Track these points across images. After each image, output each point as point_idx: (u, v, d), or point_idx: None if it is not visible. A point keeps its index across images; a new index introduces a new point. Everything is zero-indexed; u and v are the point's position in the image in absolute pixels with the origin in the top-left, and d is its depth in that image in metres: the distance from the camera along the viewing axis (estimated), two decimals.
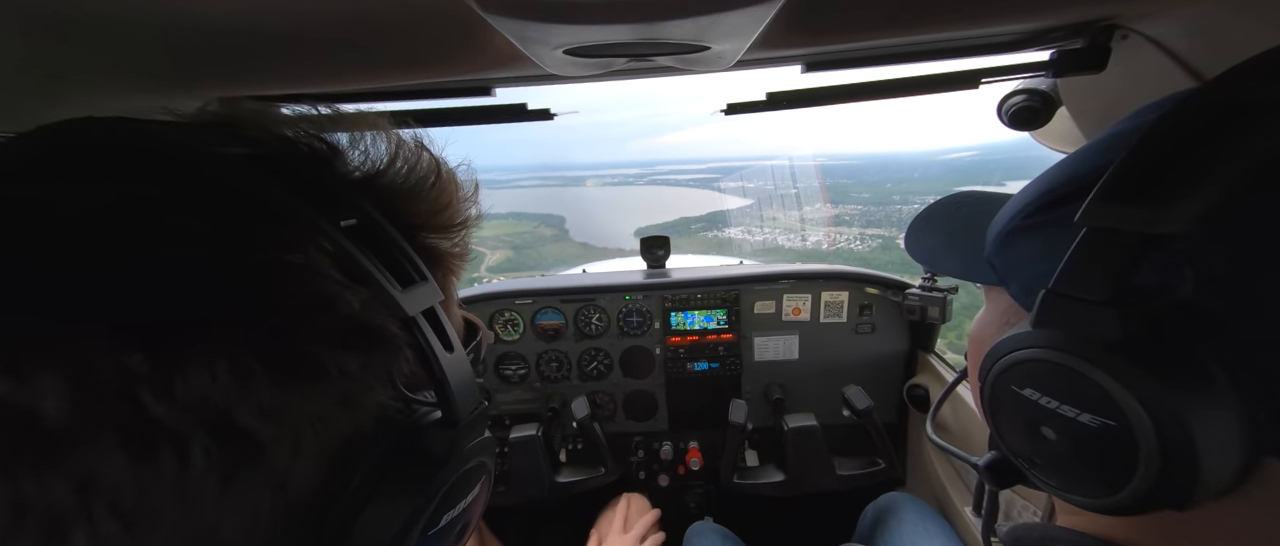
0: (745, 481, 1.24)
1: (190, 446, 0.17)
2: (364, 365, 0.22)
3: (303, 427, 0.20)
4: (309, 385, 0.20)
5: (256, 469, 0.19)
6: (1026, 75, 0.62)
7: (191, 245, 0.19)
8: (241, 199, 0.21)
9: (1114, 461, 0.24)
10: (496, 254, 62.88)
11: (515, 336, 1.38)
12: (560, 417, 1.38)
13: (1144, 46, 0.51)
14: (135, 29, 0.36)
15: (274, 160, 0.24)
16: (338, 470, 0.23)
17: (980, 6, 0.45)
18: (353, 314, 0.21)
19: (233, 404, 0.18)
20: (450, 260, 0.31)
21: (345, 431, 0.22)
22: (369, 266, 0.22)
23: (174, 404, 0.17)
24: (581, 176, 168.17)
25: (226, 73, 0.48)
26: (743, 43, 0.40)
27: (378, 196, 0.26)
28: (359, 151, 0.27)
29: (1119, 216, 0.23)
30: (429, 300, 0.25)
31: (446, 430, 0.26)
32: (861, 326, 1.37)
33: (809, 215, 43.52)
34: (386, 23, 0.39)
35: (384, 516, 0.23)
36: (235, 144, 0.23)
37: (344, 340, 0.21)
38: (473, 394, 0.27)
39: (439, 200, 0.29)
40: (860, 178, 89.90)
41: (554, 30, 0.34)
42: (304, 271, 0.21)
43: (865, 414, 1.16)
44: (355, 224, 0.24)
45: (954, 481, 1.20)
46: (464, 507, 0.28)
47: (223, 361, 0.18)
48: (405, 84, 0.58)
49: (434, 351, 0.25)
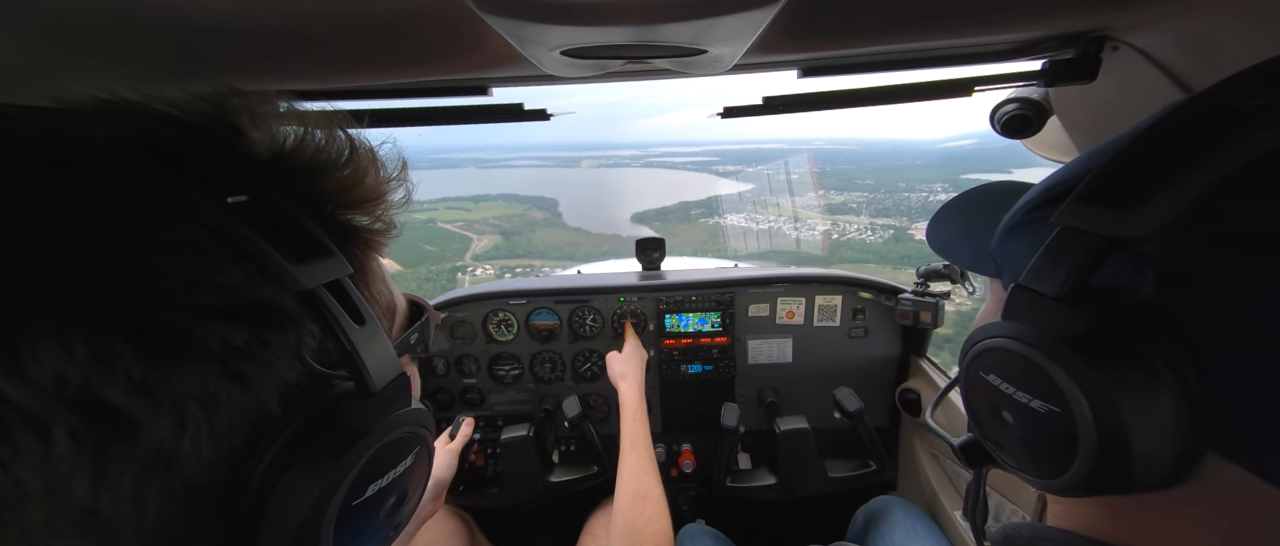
0: (738, 484, 1.24)
1: (51, 426, 0.17)
2: (255, 340, 0.22)
3: (186, 404, 0.20)
4: (186, 361, 0.20)
5: (133, 447, 0.19)
6: (1019, 84, 0.62)
7: (38, 222, 0.18)
8: (102, 177, 0.20)
9: (1059, 445, 0.25)
10: (484, 240, 59.74)
11: (509, 337, 1.38)
12: (553, 418, 1.37)
13: (1134, 58, 0.52)
14: (127, 25, 0.36)
15: (156, 142, 0.23)
16: (247, 450, 0.22)
17: (974, 16, 0.45)
18: (233, 287, 0.21)
19: (96, 382, 0.18)
20: (369, 236, 0.31)
21: (247, 409, 0.22)
22: (255, 239, 0.22)
23: (26, 383, 0.17)
24: (575, 157, 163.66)
25: (221, 69, 0.47)
26: (740, 47, 0.40)
27: (284, 175, 0.26)
28: (265, 133, 0.27)
29: (1088, 217, 0.24)
30: (333, 273, 0.25)
31: (361, 401, 0.26)
32: (855, 330, 1.37)
33: (814, 202, 43.06)
34: (383, 21, 0.39)
35: (298, 489, 0.23)
36: (112, 128, 0.23)
37: (224, 314, 0.21)
38: (391, 364, 0.27)
39: (352, 177, 0.29)
40: (863, 164, 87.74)
41: (551, 31, 0.34)
42: (172, 246, 0.20)
43: (856, 416, 1.17)
44: (246, 201, 0.23)
45: (944, 485, 1.21)
46: (394, 477, 0.28)
47: (78, 338, 0.17)
48: (402, 82, 0.58)
49: (339, 323, 0.24)
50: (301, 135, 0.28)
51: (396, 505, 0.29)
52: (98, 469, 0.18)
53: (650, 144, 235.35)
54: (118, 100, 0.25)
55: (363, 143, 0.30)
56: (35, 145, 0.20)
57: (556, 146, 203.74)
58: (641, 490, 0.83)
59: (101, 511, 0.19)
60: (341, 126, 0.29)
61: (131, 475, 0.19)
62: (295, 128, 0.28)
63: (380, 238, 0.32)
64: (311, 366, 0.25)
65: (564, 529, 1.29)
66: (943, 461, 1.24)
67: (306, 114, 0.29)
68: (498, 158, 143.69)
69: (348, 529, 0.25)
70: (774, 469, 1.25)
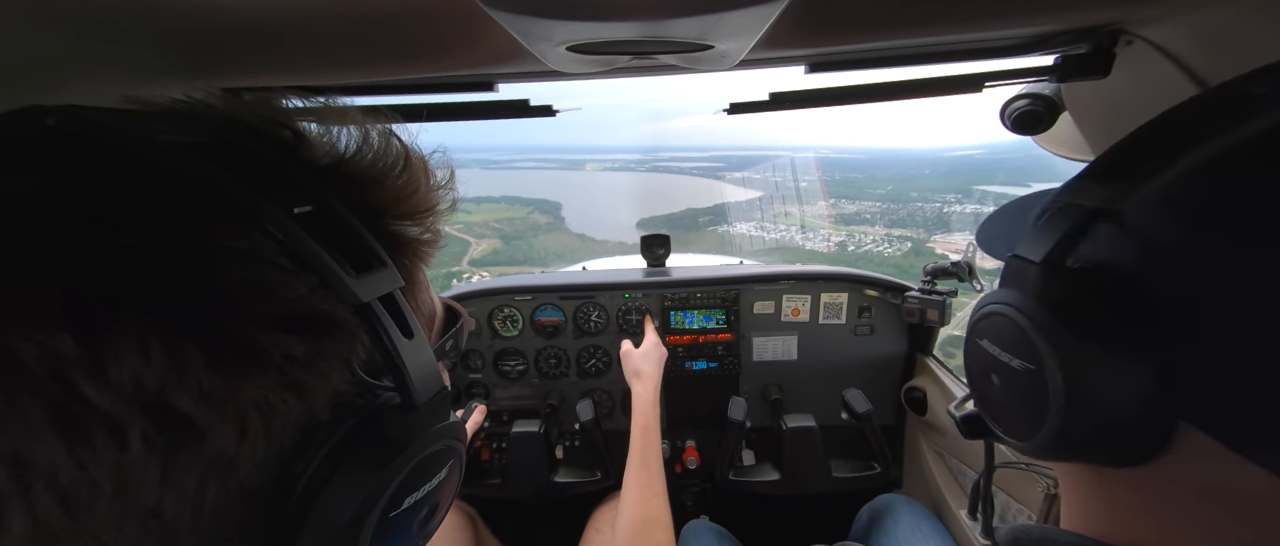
0: (741, 478, 1.24)
1: (127, 429, 0.18)
2: (313, 350, 0.22)
3: (247, 412, 0.20)
4: (250, 370, 0.20)
5: (198, 452, 0.19)
6: (1030, 79, 0.62)
7: (123, 230, 0.19)
8: (181, 185, 0.21)
9: (1033, 404, 0.27)
10: (483, 244, 57.15)
11: (514, 332, 1.38)
12: (558, 414, 1.38)
13: (1149, 52, 0.51)
14: (138, 19, 0.36)
15: (227, 148, 0.24)
16: (296, 455, 0.23)
17: (984, 10, 0.45)
18: (297, 299, 0.22)
19: (170, 388, 0.18)
20: (418, 246, 0.31)
21: (299, 416, 0.22)
22: (320, 252, 0.23)
23: (107, 386, 0.17)
24: (581, 160, 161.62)
25: (230, 64, 0.48)
26: (747, 42, 0.40)
27: (342, 183, 0.26)
28: (325, 139, 0.27)
29: (1082, 192, 0.26)
30: (387, 286, 0.25)
31: (405, 414, 0.26)
32: (860, 328, 1.37)
33: (825, 211, 42.53)
34: (390, 16, 0.39)
35: (342, 498, 0.23)
36: (187, 132, 0.23)
37: (287, 325, 0.21)
38: (434, 378, 0.27)
39: (406, 187, 0.29)
40: (871, 173, 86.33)
41: (557, 26, 0.34)
42: (244, 257, 0.21)
43: (864, 418, 1.17)
44: (310, 210, 0.24)
45: (950, 484, 1.20)
46: (429, 490, 0.28)
47: (156, 345, 0.18)
48: (408, 78, 0.58)
49: (390, 336, 0.25)
50: (359, 142, 0.28)
51: (428, 516, 0.29)
52: (165, 472, 0.19)
53: (656, 148, 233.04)
54: (190, 102, 0.26)
55: (416, 151, 0.30)
56: (117, 150, 0.21)
57: (561, 148, 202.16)
58: (650, 516, 0.80)
59: (165, 512, 0.19)
60: (396, 133, 0.30)
61: (195, 478, 0.20)
62: (353, 133, 0.28)
63: (428, 248, 0.32)
64: (360, 376, 0.25)
65: (569, 522, 1.30)
66: (948, 460, 1.23)
67: (361, 116, 0.29)
68: (502, 159, 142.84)
69: (383, 538, 0.25)
70: (778, 465, 1.25)
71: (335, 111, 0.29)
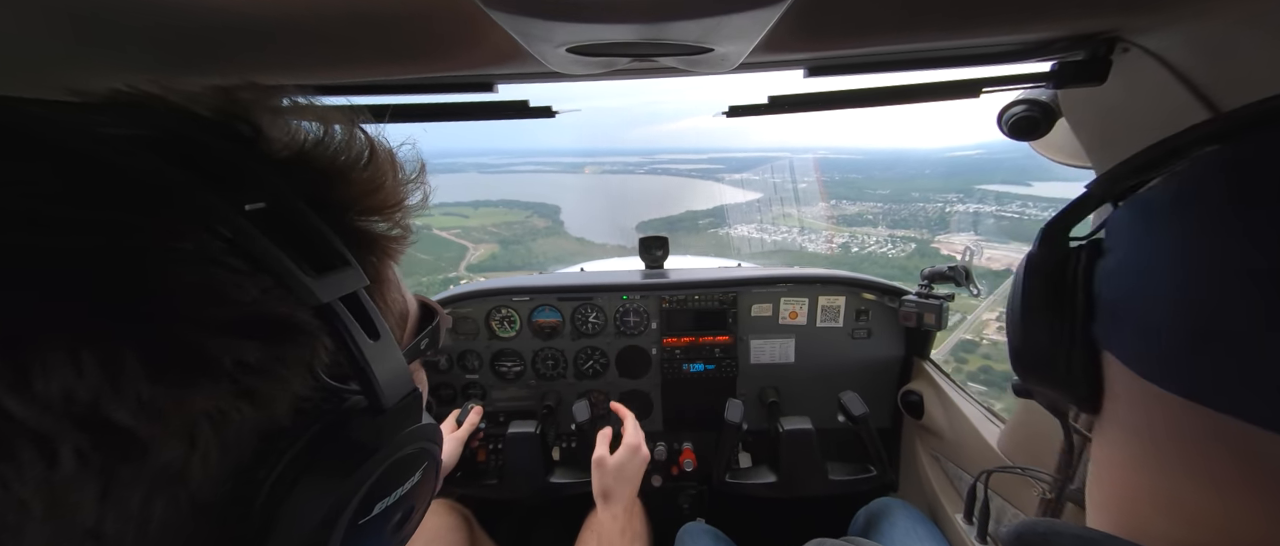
0: (737, 481, 1.24)
1: (57, 445, 0.16)
2: (269, 356, 0.21)
3: (196, 422, 0.19)
4: (198, 379, 0.19)
5: (142, 467, 0.18)
6: (1027, 85, 0.62)
7: (49, 232, 0.18)
8: (122, 182, 0.19)
9: (1011, 332, 0.33)
10: (480, 249, 55.91)
11: (512, 333, 1.38)
12: (555, 415, 1.37)
13: (1145, 60, 0.51)
14: (129, 15, 0.36)
15: (174, 141, 0.22)
16: (256, 463, 0.22)
17: (983, 16, 0.45)
18: (251, 302, 0.21)
19: (105, 400, 0.17)
20: (387, 242, 0.30)
21: (256, 424, 0.21)
22: (275, 251, 0.21)
23: (33, 401, 0.16)
24: (579, 162, 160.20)
25: (222, 62, 0.47)
26: (747, 45, 0.40)
27: (303, 178, 0.25)
28: (285, 132, 0.26)
29: (1098, 183, 0.31)
30: (351, 285, 0.24)
31: (373, 418, 0.25)
32: (858, 331, 1.37)
33: (826, 212, 42.43)
34: (389, 16, 0.39)
35: (306, 507, 0.22)
36: (131, 124, 0.22)
37: (240, 330, 0.20)
38: (403, 379, 0.26)
39: (372, 180, 0.28)
40: (871, 174, 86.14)
41: (557, 28, 0.34)
42: (190, 258, 0.20)
43: (861, 420, 1.17)
44: (265, 207, 0.23)
45: (945, 488, 1.21)
46: (401, 495, 0.27)
47: (89, 355, 0.17)
48: (406, 77, 0.58)
49: (353, 338, 0.24)
50: (320, 134, 0.27)
51: (401, 521, 0.28)
52: (104, 489, 0.18)
53: (655, 150, 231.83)
54: (135, 93, 0.24)
55: (382, 144, 0.29)
56: (54, 144, 0.19)
57: (560, 151, 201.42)
58: None
59: (105, 532, 0.18)
60: (360, 125, 0.28)
61: (138, 494, 0.19)
62: (314, 126, 0.27)
63: (397, 245, 0.31)
64: (323, 380, 0.24)
65: (564, 523, 1.29)
66: (944, 463, 1.24)
67: (325, 109, 0.28)
68: (501, 162, 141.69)
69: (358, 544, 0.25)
70: (775, 467, 1.25)
71: (300, 107, 0.28)
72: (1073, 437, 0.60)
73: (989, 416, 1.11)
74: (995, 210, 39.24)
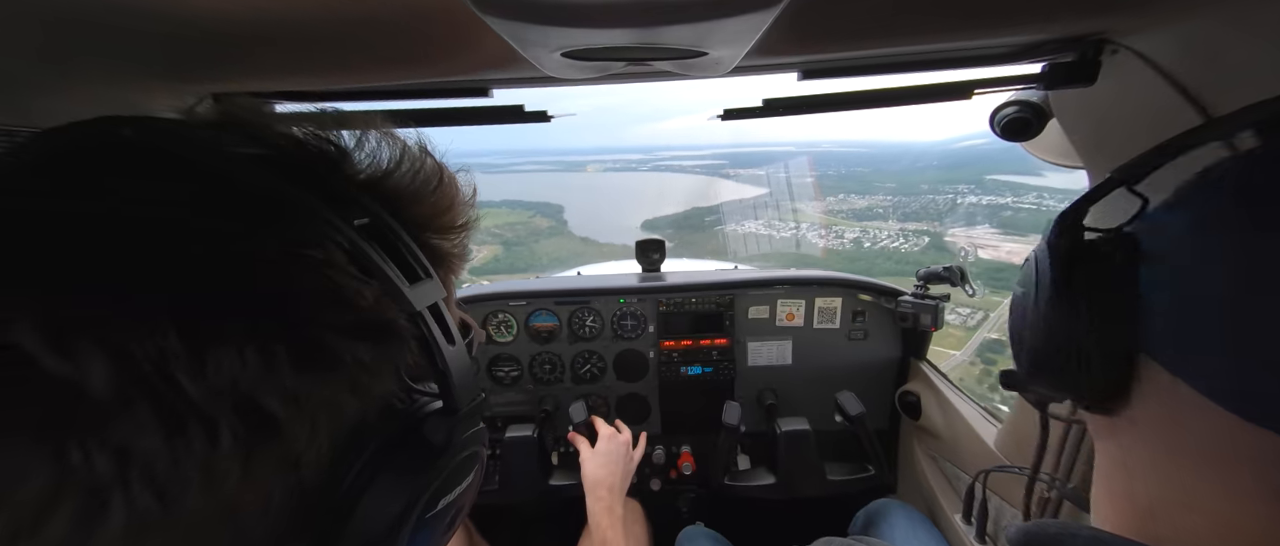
0: (736, 483, 1.24)
1: (219, 425, 0.19)
2: (375, 355, 0.23)
3: (318, 412, 0.22)
4: (326, 372, 0.22)
5: (273, 449, 0.21)
6: (1018, 87, 0.63)
7: (220, 241, 0.20)
8: (261, 198, 0.22)
9: (1018, 328, 0.32)
10: (484, 251, 53.71)
11: (509, 338, 1.37)
12: (553, 419, 1.37)
13: (1133, 62, 0.52)
14: (131, 24, 0.36)
15: (286, 160, 0.25)
16: (345, 454, 0.24)
17: (974, 19, 0.46)
18: (367, 307, 0.23)
19: (258, 387, 0.19)
20: (450, 260, 0.33)
21: (354, 417, 0.24)
22: (381, 263, 0.24)
23: (206, 384, 0.18)
24: (581, 161, 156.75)
25: (222, 69, 0.47)
26: (740, 49, 0.41)
27: (384, 197, 0.28)
28: (365, 154, 0.28)
29: (1121, 168, 0.30)
30: (434, 296, 0.27)
31: (446, 419, 0.27)
32: (854, 333, 1.37)
33: (835, 207, 41.92)
34: (383, 22, 0.39)
35: (386, 498, 0.24)
36: (251, 144, 0.24)
37: (358, 331, 0.23)
38: (472, 385, 0.29)
39: (441, 203, 0.31)
40: (878, 167, 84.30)
41: (552, 33, 0.34)
42: (322, 267, 0.22)
43: (857, 420, 1.17)
44: (367, 223, 0.25)
45: (944, 489, 1.21)
46: (459, 493, 0.29)
47: (251, 347, 0.19)
48: (401, 83, 0.58)
49: (438, 344, 0.26)
50: (398, 157, 0.29)
51: (454, 518, 0.31)
52: (245, 467, 0.20)
53: (656, 147, 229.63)
54: (237, 114, 0.26)
55: (449, 169, 0.32)
56: (194, 163, 0.22)
57: (561, 151, 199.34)
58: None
59: (242, 506, 0.21)
60: (429, 152, 0.31)
61: (269, 474, 0.21)
62: (392, 149, 0.29)
63: (458, 262, 0.34)
64: (405, 381, 0.27)
65: (563, 527, 1.29)
66: (942, 464, 1.24)
67: (399, 133, 0.30)
68: (502, 162, 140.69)
69: (416, 537, 0.26)
70: (773, 469, 1.25)
71: (372, 122, 0.30)
72: (1048, 433, 0.61)
73: (986, 416, 1.12)
74: (1011, 201, 38.92)
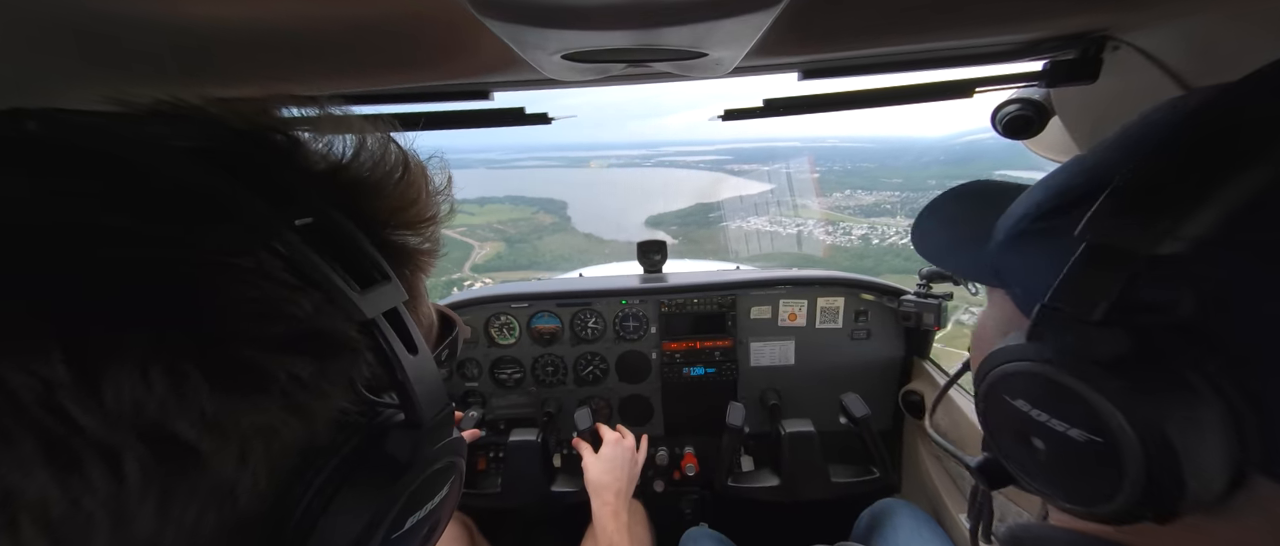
0: (740, 484, 1.23)
1: (123, 458, 0.17)
2: (318, 371, 0.21)
3: (249, 437, 0.19)
4: (254, 394, 0.19)
5: (198, 481, 0.18)
6: (1020, 84, 0.62)
7: (125, 245, 0.18)
8: (186, 195, 0.20)
9: (1101, 476, 0.24)
10: (486, 247, 53.42)
11: (511, 341, 1.37)
12: (556, 422, 1.37)
13: (1135, 58, 0.51)
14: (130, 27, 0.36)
15: (226, 153, 0.22)
16: (294, 478, 0.22)
17: (975, 17, 0.45)
18: (305, 318, 0.21)
19: (170, 414, 0.17)
20: (418, 256, 0.30)
21: (299, 439, 0.21)
22: (325, 268, 0.21)
23: (102, 413, 0.16)
24: (584, 157, 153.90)
25: (222, 73, 0.47)
26: (740, 50, 0.40)
27: (341, 191, 0.25)
28: (321, 144, 0.26)
29: (1119, 230, 0.23)
30: (391, 301, 0.24)
31: (410, 432, 0.25)
32: (857, 332, 1.37)
33: (842, 203, 41.25)
34: (384, 25, 0.39)
35: (344, 522, 0.22)
36: (184, 136, 0.22)
37: (294, 346, 0.20)
38: (438, 395, 0.26)
39: (407, 194, 0.28)
40: (884, 162, 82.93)
41: (551, 35, 0.34)
42: (251, 274, 0.20)
43: (862, 422, 1.16)
44: (312, 222, 0.23)
45: (949, 488, 1.20)
46: (430, 509, 0.27)
47: (158, 370, 0.17)
48: (402, 86, 0.58)
49: (396, 354, 0.24)
50: (357, 147, 0.26)
51: (428, 534, 0.28)
52: (163, 502, 0.18)
53: (660, 142, 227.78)
54: (177, 103, 0.24)
55: (415, 157, 0.29)
56: (110, 155, 0.19)
57: (565, 146, 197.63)
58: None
59: (161, 544, 0.18)
60: (393, 139, 0.28)
61: (193, 507, 0.19)
62: (350, 138, 0.27)
63: (428, 258, 0.31)
64: (362, 394, 0.24)
65: (566, 531, 1.28)
66: (946, 463, 1.23)
67: (357, 120, 0.28)
68: (506, 158, 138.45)
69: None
70: (777, 470, 1.24)
71: (330, 118, 0.28)
72: None
73: None
74: None
